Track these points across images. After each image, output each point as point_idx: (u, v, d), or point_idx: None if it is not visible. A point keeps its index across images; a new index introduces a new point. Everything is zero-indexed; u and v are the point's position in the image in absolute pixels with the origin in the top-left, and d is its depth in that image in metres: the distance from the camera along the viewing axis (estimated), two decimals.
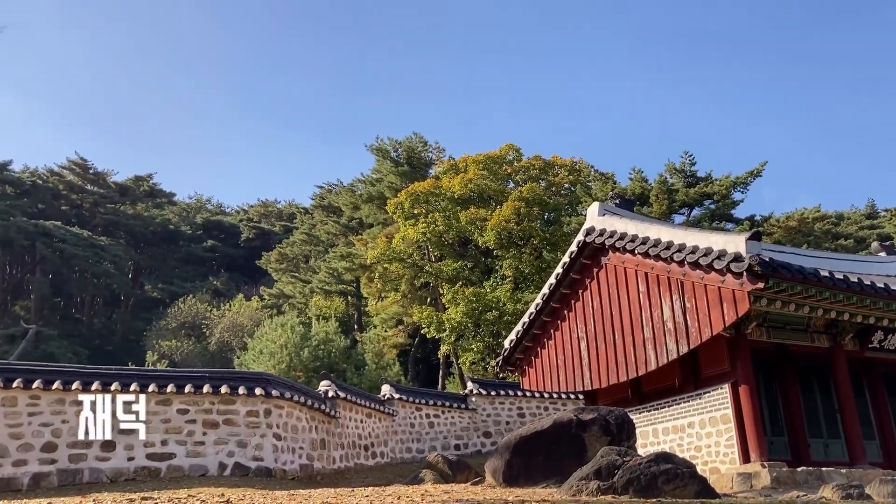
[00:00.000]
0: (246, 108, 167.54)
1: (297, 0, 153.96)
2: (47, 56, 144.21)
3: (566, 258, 18.09)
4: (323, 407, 19.16)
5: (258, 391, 16.85)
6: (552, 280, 18.43)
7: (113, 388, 15.59)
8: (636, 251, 15.81)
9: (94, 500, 10.25)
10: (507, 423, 25.31)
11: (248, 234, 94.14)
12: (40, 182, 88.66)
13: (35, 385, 15.09)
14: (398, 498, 9.56)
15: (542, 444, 10.92)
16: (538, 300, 18.85)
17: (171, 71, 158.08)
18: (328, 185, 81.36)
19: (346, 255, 54.90)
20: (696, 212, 40.81)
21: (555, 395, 25.30)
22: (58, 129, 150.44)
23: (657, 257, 15.22)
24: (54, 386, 15.26)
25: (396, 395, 23.70)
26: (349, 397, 20.92)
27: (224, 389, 16.51)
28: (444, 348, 39.84)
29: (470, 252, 41.85)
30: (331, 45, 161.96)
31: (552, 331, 18.50)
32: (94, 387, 15.50)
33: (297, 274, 66.36)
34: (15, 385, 14.96)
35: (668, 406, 15.79)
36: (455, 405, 24.96)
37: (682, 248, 14.47)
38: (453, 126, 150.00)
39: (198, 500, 9.52)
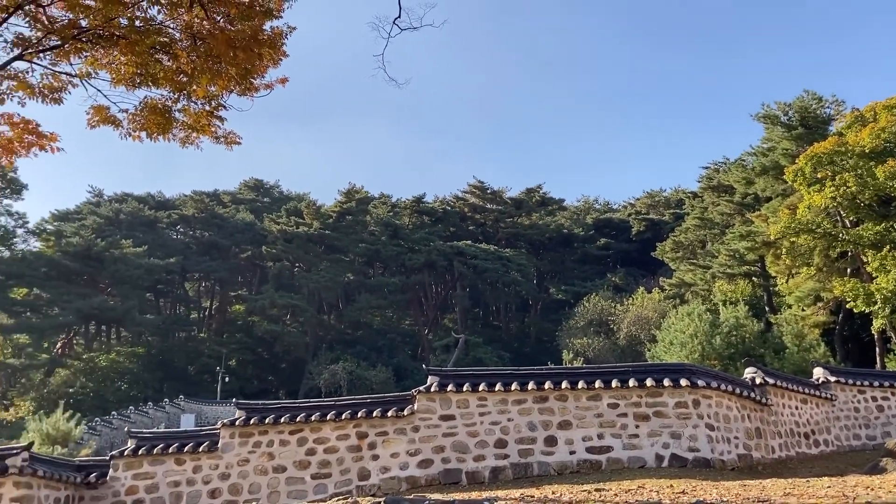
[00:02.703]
0: (617, 104, 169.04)
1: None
2: (434, 95, 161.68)
3: None
4: (752, 395, 18.30)
5: (683, 382, 16.70)
6: None
7: (547, 386, 16.71)
8: None
9: (552, 492, 11.06)
10: None
11: (638, 227, 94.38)
12: (449, 208, 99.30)
13: (481, 388, 16.84)
14: (867, 489, 8.70)
15: None
16: None
17: (540, 82, 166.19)
18: (714, 164, 78.11)
19: (745, 235, 51.95)
20: None
21: None
22: (455, 158, 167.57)
23: None
24: (497, 388, 16.86)
25: (832, 378, 21.65)
26: (779, 383, 19.67)
27: (649, 382, 16.67)
28: (877, 323, 35.37)
29: (894, 211, 36.68)
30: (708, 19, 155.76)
31: None
32: (530, 386, 16.78)
33: (694, 261, 64.62)
34: (465, 389, 16.87)
35: None
36: None
37: None
38: (850, 75, 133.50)
39: (649, 490, 9.73)
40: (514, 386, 16.75)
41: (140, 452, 15.54)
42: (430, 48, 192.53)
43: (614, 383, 16.69)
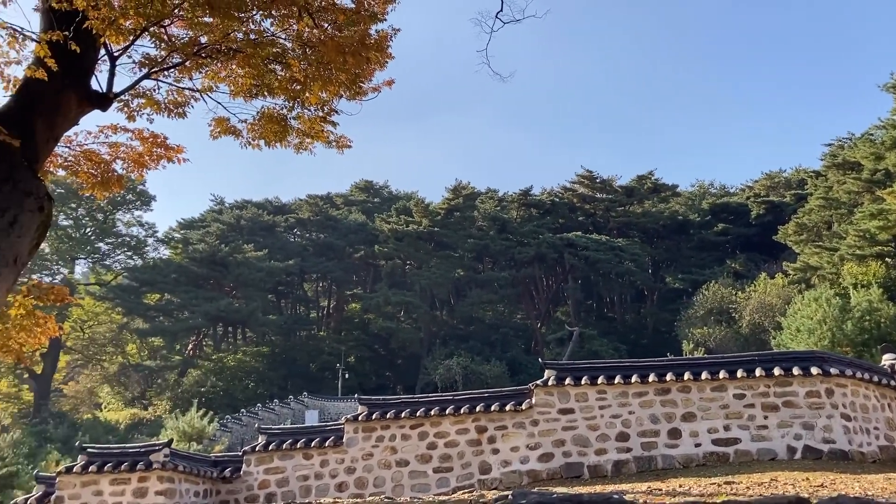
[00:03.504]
0: (729, 83, 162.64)
1: None
2: (538, 86, 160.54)
3: None
4: (892, 382, 17.22)
5: (814, 370, 15.91)
6: None
7: (668, 378, 16.30)
8: None
9: (679, 485, 10.79)
10: None
11: (757, 210, 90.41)
12: (557, 200, 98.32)
13: (600, 381, 16.61)
14: None
15: None
16: None
17: (647, 66, 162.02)
18: (839, 140, 73.98)
19: (876, 213, 48.98)
20: None
21: None
22: (562, 149, 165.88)
23: None
24: (616, 380, 16.59)
25: None
26: None
27: (777, 371, 15.98)
28: None
29: None
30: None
31: None
32: (651, 378, 16.42)
33: (820, 243, 61.41)
34: (583, 382, 16.67)
35: None
36: None
37: None
38: None
39: (783, 483, 9.34)
40: (634, 378, 16.43)
41: (270, 448, 16.22)
42: (533, 39, 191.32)
43: (740, 373, 16.10)
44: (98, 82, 11.10)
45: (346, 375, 76.07)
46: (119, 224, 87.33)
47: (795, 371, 15.99)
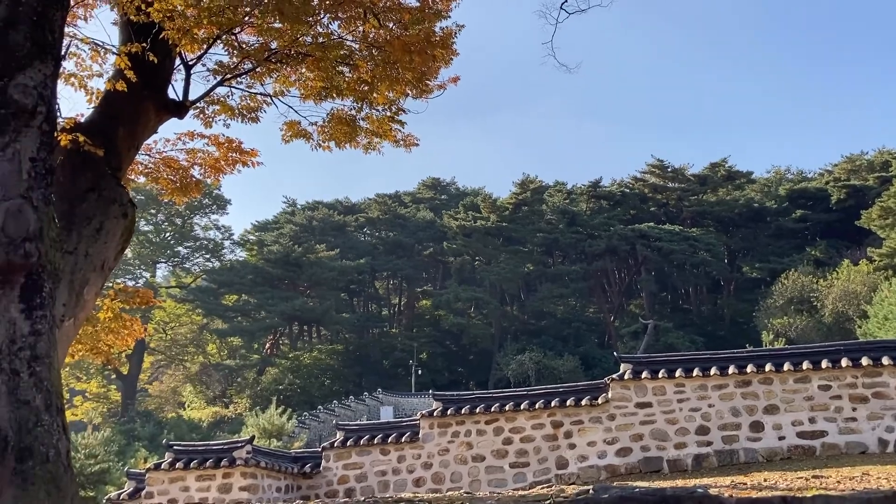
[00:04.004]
0: (803, 69, 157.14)
1: None
2: (604, 76, 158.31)
3: None
4: None
5: None
6: None
7: (749, 370, 15.87)
8: None
9: (764, 479, 10.51)
10: None
11: (838, 195, 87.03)
12: (627, 190, 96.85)
13: (678, 373, 16.29)
14: None
15: None
16: None
17: (716, 52, 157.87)
18: None
19: None
20: None
21: None
22: (630, 138, 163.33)
23: None
24: (694, 373, 16.24)
25: None
26: None
27: (865, 361, 15.37)
28: None
29: None
30: None
31: None
32: (730, 370, 16.02)
33: None
34: (661, 375, 16.38)
35: None
36: None
37: None
38: None
39: (876, 478, 8.98)
40: (713, 370, 16.05)
41: (348, 444, 16.47)
42: (599, 28, 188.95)
43: (824, 364, 15.55)
44: (175, 91, 11.46)
45: (419, 372, 76.69)
46: (197, 228, 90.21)
47: (885, 361, 15.36)
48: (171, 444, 16.07)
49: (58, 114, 8.58)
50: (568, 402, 16.07)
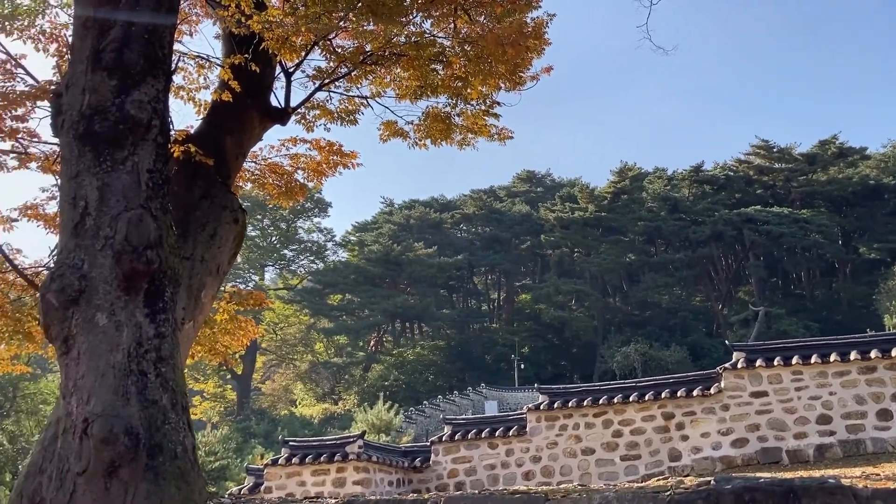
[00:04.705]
0: None
1: None
2: (703, 58, 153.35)
3: None
4: None
5: None
6: None
7: (873, 355, 15.06)
8: None
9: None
10: None
11: None
12: (731, 173, 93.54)
13: (794, 361, 15.62)
14: None
15: None
16: None
17: (824, 26, 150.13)
18: None
19: None
20: None
21: None
22: (730, 119, 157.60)
23: None
24: (812, 360, 15.54)
25: None
26: None
27: None
28: None
29: None
30: None
31: None
32: (852, 356, 15.24)
33: None
34: (776, 363, 15.74)
35: None
36: None
37: None
38: None
39: None
40: (833, 357, 15.33)
41: (456, 438, 16.62)
42: (696, 7, 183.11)
43: None
44: (276, 98, 11.83)
45: (522, 366, 76.48)
46: (300, 231, 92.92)
47: None
48: (287, 440, 16.63)
49: (170, 126, 9.02)
50: (679, 393, 15.69)
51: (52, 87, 9.84)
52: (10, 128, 10.27)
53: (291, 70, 12.08)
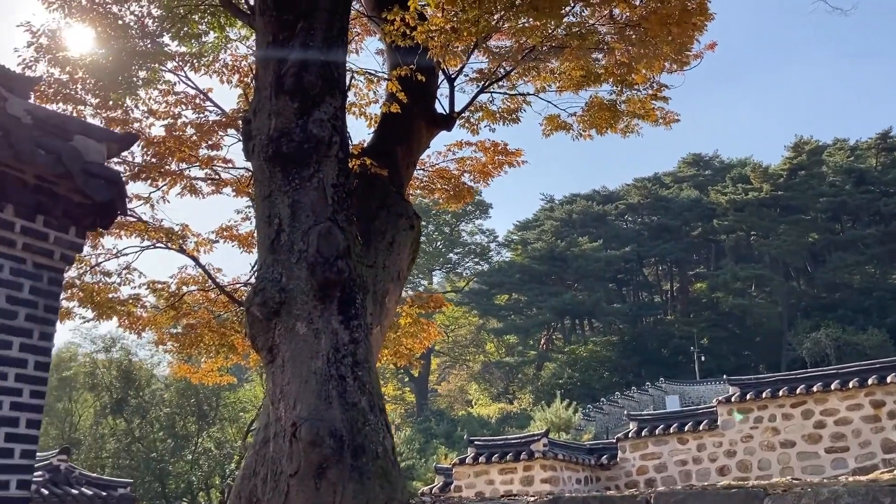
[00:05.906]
0: None
1: None
2: (887, 14, 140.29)
3: None
4: None
5: None
6: None
7: None
8: None
9: None
10: None
11: None
12: None
13: None
14: None
15: None
16: None
17: None
18: None
19: None
20: None
21: None
22: None
23: None
24: None
25: None
26: None
27: None
28: None
29: None
30: None
31: None
32: None
33: None
34: None
35: None
36: None
37: None
38: None
39: None
40: None
41: (643, 434, 16.16)
42: None
43: None
44: (441, 105, 12.07)
45: (702, 358, 73.37)
46: (464, 234, 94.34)
47: None
48: (472, 439, 16.86)
49: (349, 142, 9.43)
50: (888, 379, 14.39)
51: (240, 116, 10.59)
52: (206, 156, 11.15)
53: (454, 76, 12.28)
